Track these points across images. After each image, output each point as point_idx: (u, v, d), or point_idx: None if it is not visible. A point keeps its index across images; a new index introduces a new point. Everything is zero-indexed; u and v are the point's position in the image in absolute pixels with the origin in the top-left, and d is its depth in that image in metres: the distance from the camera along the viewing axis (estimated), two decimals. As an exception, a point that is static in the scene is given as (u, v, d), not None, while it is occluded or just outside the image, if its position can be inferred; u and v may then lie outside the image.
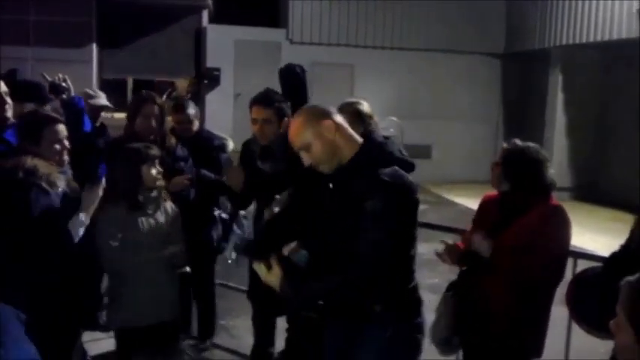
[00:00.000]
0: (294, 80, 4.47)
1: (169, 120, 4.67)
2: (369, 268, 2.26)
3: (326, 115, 2.42)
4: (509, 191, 2.99)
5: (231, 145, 5.35)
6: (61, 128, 3.11)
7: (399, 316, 2.44)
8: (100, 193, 3.07)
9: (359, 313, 2.42)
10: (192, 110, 4.58)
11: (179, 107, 4.56)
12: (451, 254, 3.13)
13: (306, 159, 2.44)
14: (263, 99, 3.57)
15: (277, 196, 3.44)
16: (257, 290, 3.78)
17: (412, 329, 2.50)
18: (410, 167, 2.43)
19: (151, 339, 3.44)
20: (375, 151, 2.42)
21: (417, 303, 2.55)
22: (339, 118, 2.44)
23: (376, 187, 2.26)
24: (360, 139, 2.45)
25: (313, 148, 2.39)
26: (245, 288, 3.98)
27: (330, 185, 2.46)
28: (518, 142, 3.07)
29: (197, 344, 4.70)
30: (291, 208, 3.10)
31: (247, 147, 3.84)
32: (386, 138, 4.06)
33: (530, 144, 3.08)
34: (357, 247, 2.26)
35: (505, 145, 3.11)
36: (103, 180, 3.20)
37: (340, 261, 2.30)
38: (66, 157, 3.12)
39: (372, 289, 2.30)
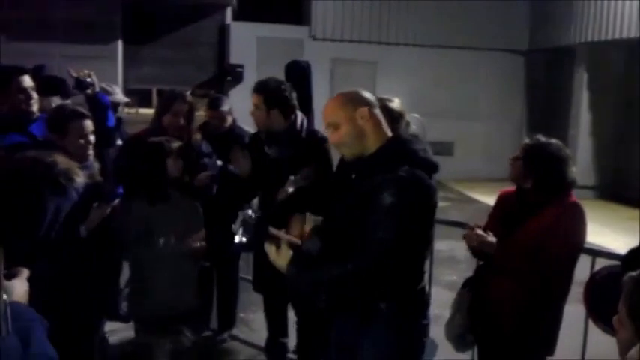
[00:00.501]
0: (298, 74, 4.57)
1: (203, 115, 4.76)
2: (374, 262, 2.24)
3: (364, 102, 2.44)
4: (530, 187, 2.98)
5: None
6: (88, 124, 3.19)
7: (405, 316, 2.43)
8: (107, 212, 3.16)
9: (364, 309, 2.43)
10: (226, 107, 4.67)
11: (214, 103, 4.64)
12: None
13: (331, 137, 2.47)
14: (256, 85, 3.78)
15: (291, 177, 3.52)
16: (261, 280, 3.86)
17: (417, 330, 2.48)
18: (433, 168, 2.42)
19: (171, 330, 3.50)
20: (398, 147, 2.41)
21: (423, 304, 2.54)
22: (376, 110, 2.46)
23: (392, 182, 2.26)
24: (389, 134, 2.46)
25: (341, 130, 2.41)
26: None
27: (353, 176, 2.48)
28: (541, 137, 3.06)
29: (215, 336, 4.77)
30: (310, 187, 3.18)
31: (256, 135, 3.99)
32: (414, 136, 4.12)
33: (553, 140, 3.07)
34: (364, 240, 2.26)
35: (527, 140, 3.09)
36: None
37: (347, 253, 2.30)
38: (90, 152, 3.19)
39: (377, 284, 2.29)
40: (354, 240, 2.30)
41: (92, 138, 3.22)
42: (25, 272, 1.72)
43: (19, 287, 1.67)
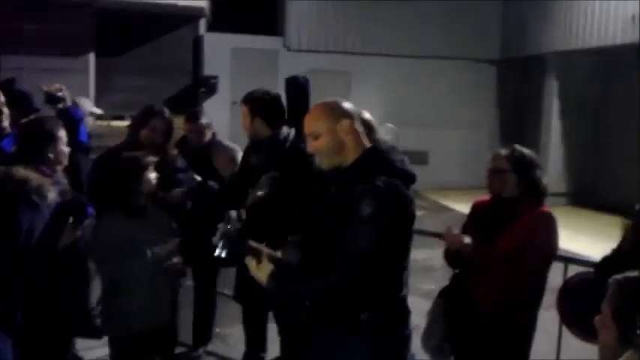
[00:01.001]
0: (296, 89, 4.61)
1: (182, 128, 4.71)
2: (355, 272, 2.25)
3: (347, 115, 2.44)
4: (512, 197, 2.99)
5: (240, 154, 5.36)
6: (63, 144, 3.14)
7: (386, 326, 2.42)
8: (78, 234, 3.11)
9: (345, 320, 2.42)
10: (205, 120, 4.64)
11: (192, 116, 4.61)
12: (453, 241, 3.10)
13: (311, 145, 2.48)
14: (245, 96, 3.89)
15: (262, 178, 3.64)
16: (243, 290, 3.84)
17: (398, 340, 2.48)
18: (411, 179, 2.44)
19: (146, 346, 3.46)
20: (375, 158, 2.42)
21: (404, 314, 2.53)
22: (357, 122, 2.47)
23: (370, 192, 2.27)
24: (367, 145, 2.47)
25: (321, 140, 2.42)
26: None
27: (332, 189, 2.48)
28: (519, 147, 3.09)
29: (190, 352, 4.70)
30: (275, 194, 3.17)
31: (248, 145, 4.03)
32: (391, 147, 4.17)
33: (527, 150, 3.11)
34: (346, 251, 2.26)
35: (504, 151, 3.08)
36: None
37: (329, 264, 2.30)
38: (60, 168, 3.15)
39: (359, 294, 2.30)
40: (333, 251, 2.30)
41: (66, 155, 3.17)
42: None
43: None
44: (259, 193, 3.59)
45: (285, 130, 3.81)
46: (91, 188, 3.80)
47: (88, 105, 4.80)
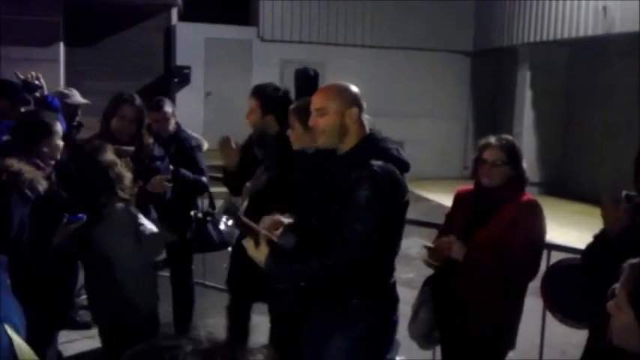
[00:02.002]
0: (306, 82, 4.61)
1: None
2: (350, 256, 2.29)
3: (357, 103, 2.49)
4: (498, 186, 2.99)
5: (205, 145, 5.33)
6: (58, 139, 3.08)
7: (375, 312, 2.47)
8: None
9: (336, 304, 2.44)
10: (169, 108, 4.55)
11: (156, 106, 4.51)
12: (437, 258, 3.10)
13: (313, 121, 2.48)
14: (254, 89, 3.83)
15: (258, 171, 3.65)
16: (236, 277, 3.83)
17: (386, 325, 2.53)
18: (405, 167, 2.47)
19: (134, 336, 3.40)
20: (372, 145, 2.46)
21: (394, 300, 2.58)
22: (362, 114, 2.50)
23: (367, 177, 2.31)
24: (364, 133, 2.50)
25: (327, 118, 2.44)
26: (222, 287, 3.99)
27: (327, 177, 2.49)
28: (508, 137, 3.08)
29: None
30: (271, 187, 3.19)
31: (250, 136, 4.00)
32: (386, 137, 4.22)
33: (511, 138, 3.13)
34: (343, 234, 2.29)
35: (495, 141, 3.04)
36: None
37: (325, 247, 2.33)
38: (52, 162, 3.09)
39: (352, 279, 2.32)
40: (330, 235, 2.32)
41: (60, 142, 3.12)
42: None
43: None
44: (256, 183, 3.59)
45: None
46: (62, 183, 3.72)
47: (77, 96, 4.68)
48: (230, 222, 2.40)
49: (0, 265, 1.53)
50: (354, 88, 2.55)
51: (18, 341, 1.32)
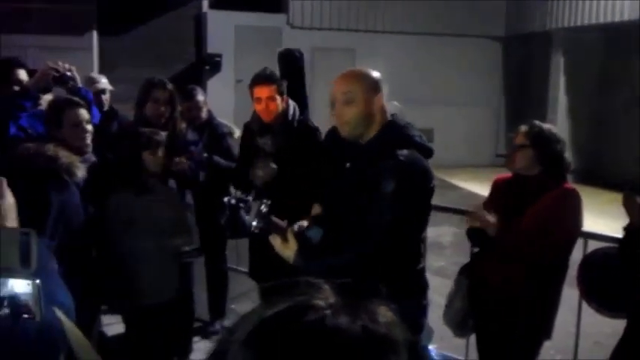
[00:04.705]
0: (292, 64, 4.54)
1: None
2: (380, 247, 2.28)
3: (381, 89, 2.43)
4: (536, 174, 2.97)
5: (237, 132, 5.37)
6: (82, 112, 3.14)
7: (404, 297, 2.46)
8: None
9: (364, 292, 2.44)
10: (201, 97, 4.61)
11: (189, 94, 4.56)
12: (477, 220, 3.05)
13: (340, 110, 2.40)
14: (266, 77, 3.69)
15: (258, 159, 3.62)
16: (258, 269, 3.86)
17: (415, 310, 2.51)
18: (429, 153, 2.45)
19: (160, 321, 3.49)
20: (395, 133, 2.42)
21: (422, 285, 2.57)
22: (385, 99, 2.46)
23: (393, 167, 2.29)
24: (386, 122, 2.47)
25: (354, 106, 2.37)
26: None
27: (348, 165, 2.49)
28: (538, 123, 3.06)
29: (206, 326, 4.75)
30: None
31: (247, 128, 3.94)
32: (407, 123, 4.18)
33: (548, 125, 3.10)
34: (370, 226, 2.28)
35: (525, 127, 3.04)
36: None
37: (353, 239, 2.32)
38: (89, 142, 3.15)
39: (382, 268, 2.32)
40: (358, 226, 2.32)
41: (88, 127, 3.17)
42: (2, 182, 1.53)
43: (9, 208, 1.52)
44: (260, 172, 3.57)
45: (291, 108, 3.77)
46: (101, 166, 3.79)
47: (104, 81, 4.68)
48: (260, 224, 2.40)
49: (48, 249, 1.57)
50: (376, 73, 2.49)
51: (68, 324, 1.36)
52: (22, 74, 3.54)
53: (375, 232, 2.29)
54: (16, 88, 3.45)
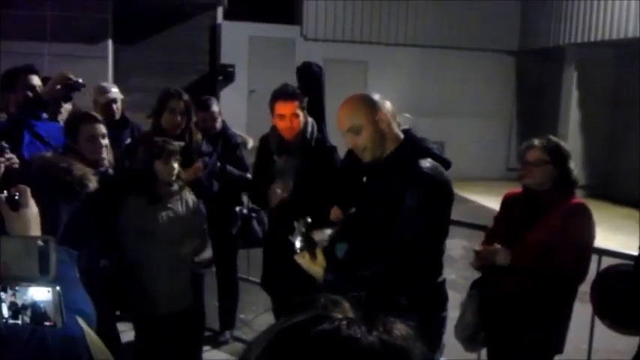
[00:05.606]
0: (311, 78, 4.53)
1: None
2: (407, 258, 2.29)
3: (380, 106, 2.45)
4: (550, 189, 2.96)
5: (250, 143, 5.40)
6: (98, 126, 3.17)
7: (424, 309, 2.45)
8: None
9: (384, 304, 2.44)
10: (216, 108, 4.65)
11: (204, 105, 4.60)
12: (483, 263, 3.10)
13: (353, 140, 2.43)
14: (290, 93, 3.58)
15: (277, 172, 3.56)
16: (270, 280, 3.85)
17: (435, 322, 2.52)
18: (447, 165, 2.46)
19: (170, 329, 3.50)
20: (415, 146, 2.45)
21: (442, 298, 2.58)
22: (388, 113, 2.47)
23: (417, 180, 2.31)
24: (401, 135, 2.49)
25: (364, 133, 2.40)
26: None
27: (364, 179, 2.50)
28: (553, 138, 3.07)
29: (216, 336, 4.75)
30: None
31: (264, 142, 3.87)
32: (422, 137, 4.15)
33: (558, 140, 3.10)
34: (398, 237, 2.29)
35: (538, 142, 3.03)
36: None
37: (380, 251, 2.33)
38: (104, 155, 3.18)
39: (405, 281, 2.33)
40: (383, 238, 2.32)
41: (104, 141, 3.20)
42: (26, 191, 1.58)
43: (33, 217, 1.55)
44: (279, 191, 3.53)
45: (309, 126, 3.67)
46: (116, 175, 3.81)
47: (115, 90, 4.70)
48: (304, 245, 2.44)
49: (71, 258, 1.59)
50: (372, 94, 2.52)
51: (89, 332, 1.38)
52: (35, 80, 3.55)
53: (403, 243, 2.30)
54: (29, 93, 3.46)
